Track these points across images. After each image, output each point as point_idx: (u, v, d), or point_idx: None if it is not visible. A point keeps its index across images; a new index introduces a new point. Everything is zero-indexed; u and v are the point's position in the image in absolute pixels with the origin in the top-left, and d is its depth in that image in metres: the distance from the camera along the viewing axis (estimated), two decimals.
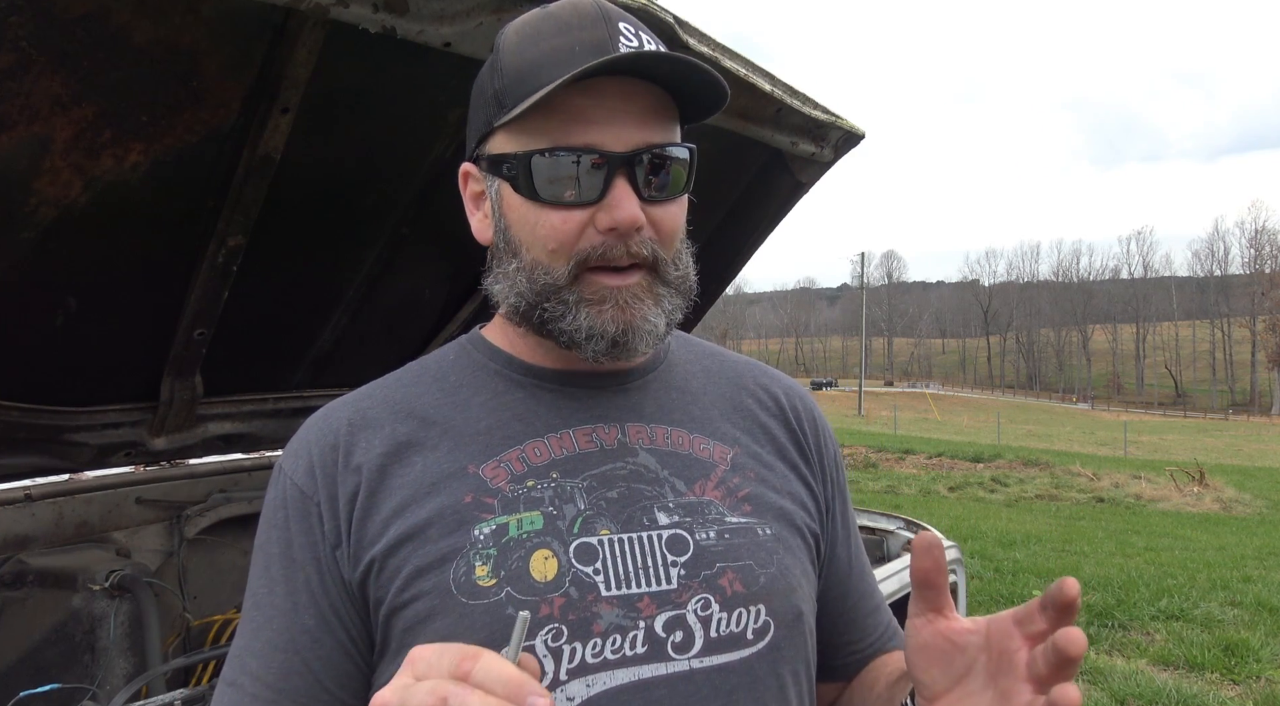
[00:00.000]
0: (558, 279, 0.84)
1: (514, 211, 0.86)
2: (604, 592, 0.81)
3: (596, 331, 0.84)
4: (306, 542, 0.85)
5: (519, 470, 0.86)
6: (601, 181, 0.82)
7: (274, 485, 0.89)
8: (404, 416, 0.89)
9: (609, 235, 0.83)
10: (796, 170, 2.40)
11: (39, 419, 1.86)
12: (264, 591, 0.86)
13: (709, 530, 0.87)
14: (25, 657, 2.13)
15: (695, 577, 0.84)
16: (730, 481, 0.92)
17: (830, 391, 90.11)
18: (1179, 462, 18.71)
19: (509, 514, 0.83)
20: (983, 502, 14.27)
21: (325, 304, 2.12)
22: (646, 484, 0.88)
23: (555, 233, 0.83)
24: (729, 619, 0.84)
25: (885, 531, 2.72)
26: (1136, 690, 4.69)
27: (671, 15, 1.63)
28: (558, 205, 0.83)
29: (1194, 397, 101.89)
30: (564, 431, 0.89)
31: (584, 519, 0.84)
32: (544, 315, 0.86)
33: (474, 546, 0.81)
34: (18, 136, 1.28)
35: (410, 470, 0.86)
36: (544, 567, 0.81)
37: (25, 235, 1.45)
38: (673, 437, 0.93)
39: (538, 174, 0.82)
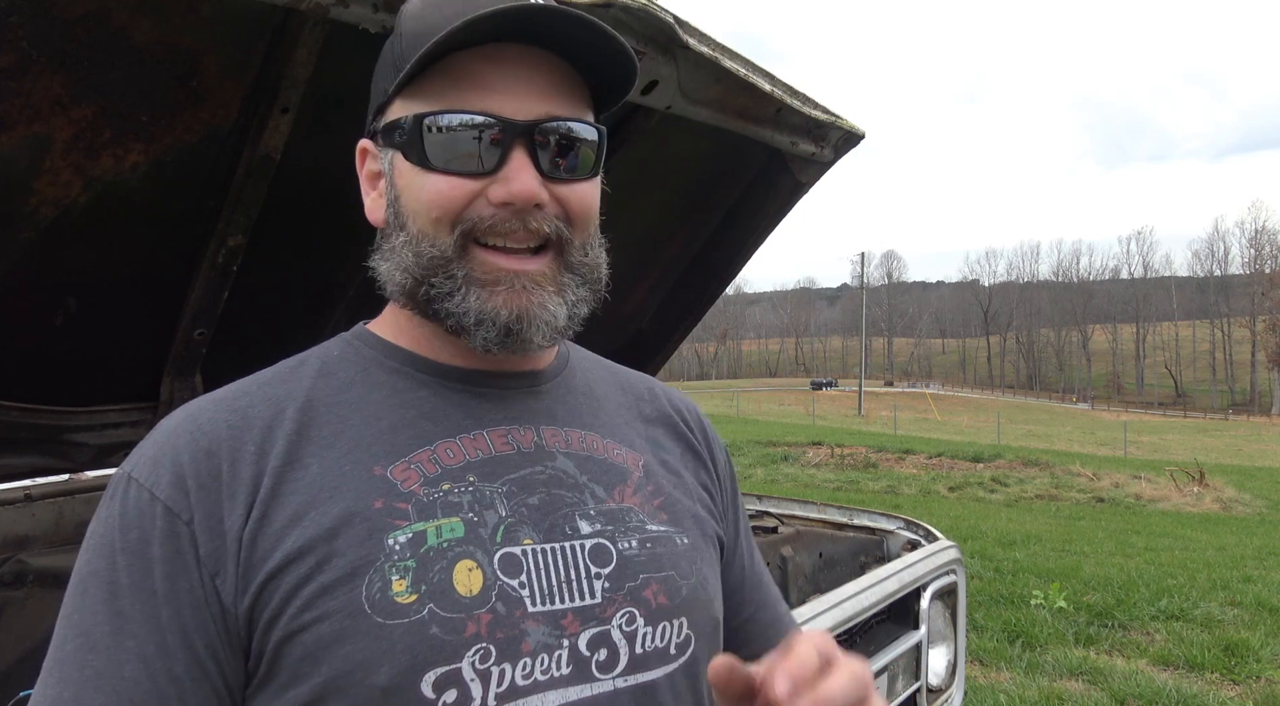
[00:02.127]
0: (444, 250, 0.77)
1: (403, 179, 0.80)
2: (530, 608, 0.75)
3: (487, 316, 0.77)
4: (174, 571, 0.71)
5: (431, 472, 0.78)
6: (499, 152, 0.76)
7: (119, 499, 0.74)
8: (292, 414, 0.78)
9: (502, 209, 0.77)
10: (796, 170, 2.40)
11: (39, 419, 1.86)
12: (105, 630, 0.70)
13: (631, 539, 0.82)
14: (25, 657, 2.13)
15: (619, 590, 0.79)
16: (645, 488, 0.88)
17: (830, 391, 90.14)
18: (1179, 463, 18.71)
19: (426, 520, 0.75)
20: (983, 502, 14.27)
21: (325, 304, 2.12)
22: (567, 490, 0.82)
23: (440, 198, 0.77)
24: (653, 633, 0.80)
25: (885, 531, 2.72)
26: (1136, 690, 4.69)
27: (671, 15, 1.63)
28: (446, 172, 0.77)
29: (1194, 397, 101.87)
30: (477, 432, 0.82)
31: (506, 527, 0.77)
32: (430, 292, 0.79)
33: (389, 557, 0.72)
34: (18, 136, 1.28)
35: (306, 474, 0.75)
36: (468, 580, 0.73)
37: (25, 235, 1.45)
38: (587, 442, 0.87)
39: (428, 139, 0.77)
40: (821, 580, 2.62)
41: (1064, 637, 5.66)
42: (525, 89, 0.77)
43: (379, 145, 0.83)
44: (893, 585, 2.15)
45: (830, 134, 2.30)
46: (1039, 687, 4.73)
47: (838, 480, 16.19)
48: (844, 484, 15.69)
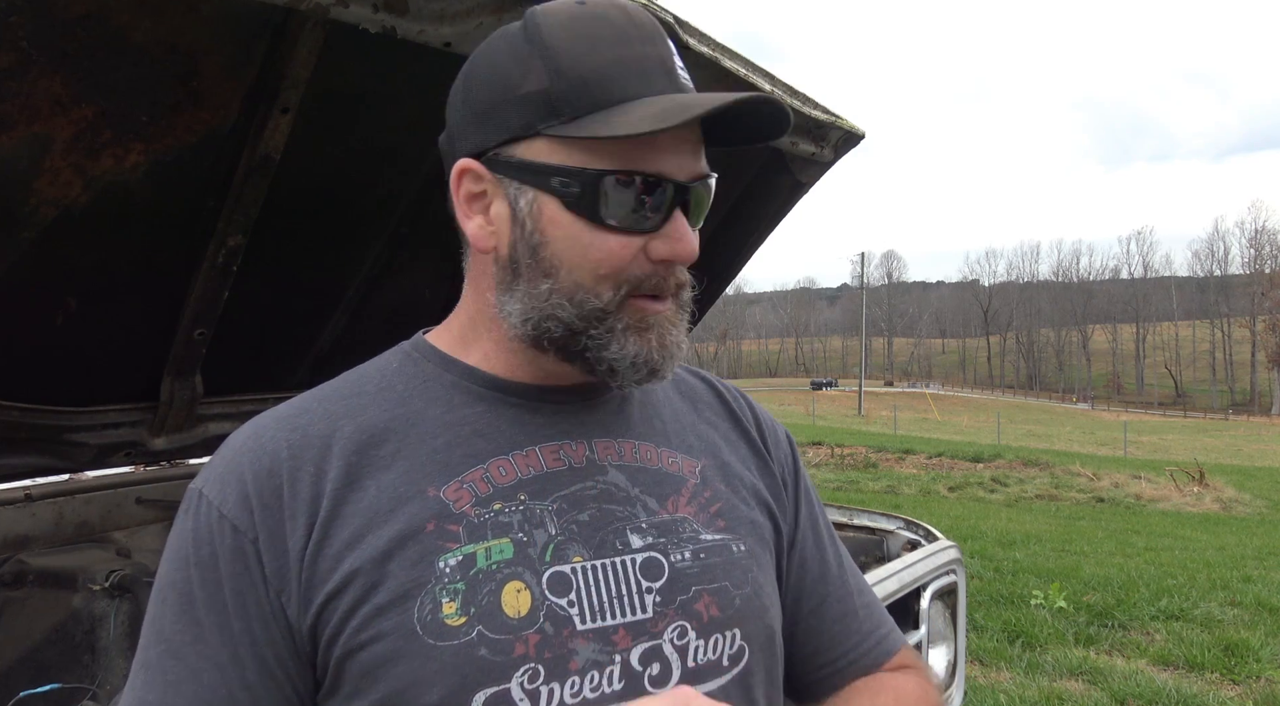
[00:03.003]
0: (606, 305, 0.79)
1: (559, 229, 0.78)
2: (579, 626, 0.76)
3: (641, 359, 0.80)
4: (242, 586, 0.75)
5: (484, 491, 0.79)
6: (664, 211, 0.78)
7: (193, 514, 0.78)
8: (349, 433, 0.80)
9: (660, 266, 0.79)
10: (796, 170, 2.40)
11: (39, 419, 1.86)
12: (185, 638, 0.74)
13: (684, 550, 0.83)
14: (25, 657, 2.13)
15: (671, 604, 0.80)
16: (701, 496, 0.88)
17: (830, 391, 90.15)
18: (1179, 462, 18.72)
19: (476, 542, 0.77)
20: (983, 502, 14.27)
21: (325, 304, 2.12)
22: (618, 504, 0.83)
23: (611, 258, 0.78)
24: (706, 646, 0.81)
25: (885, 531, 2.72)
26: (1136, 690, 4.69)
27: (671, 15, 1.63)
28: (618, 230, 0.77)
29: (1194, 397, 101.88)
30: (530, 448, 0.83)
31: (555, 545, 0.78)
32: (588, 342, 0.79)
33: (439, 580, 0.74)
34: (18, 136, 1.28)
35: (364, 496, 0.77)
36: (516, 601, 0.75)
37: (25, 235, 1.45)
38: (641, 452, 0.88)
39: (607, 196, 0.76)
40: None
41: (1064, 637, 5.66)
42: (682, 147, 0.79)
43: (500, 175, 0.80)
44: (893, 585, 2.15)
45: (830, 134, 2.30)
46: (1039, 687, 4.72)
47: (838, 480, 16.19)
48: (844, 484, 15.69)
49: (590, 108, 0.75)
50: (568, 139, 0.77)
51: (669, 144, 0.78)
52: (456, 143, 0.83)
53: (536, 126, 0.77)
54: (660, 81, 0.78)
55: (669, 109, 0.74)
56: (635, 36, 0.78)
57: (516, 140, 0.79)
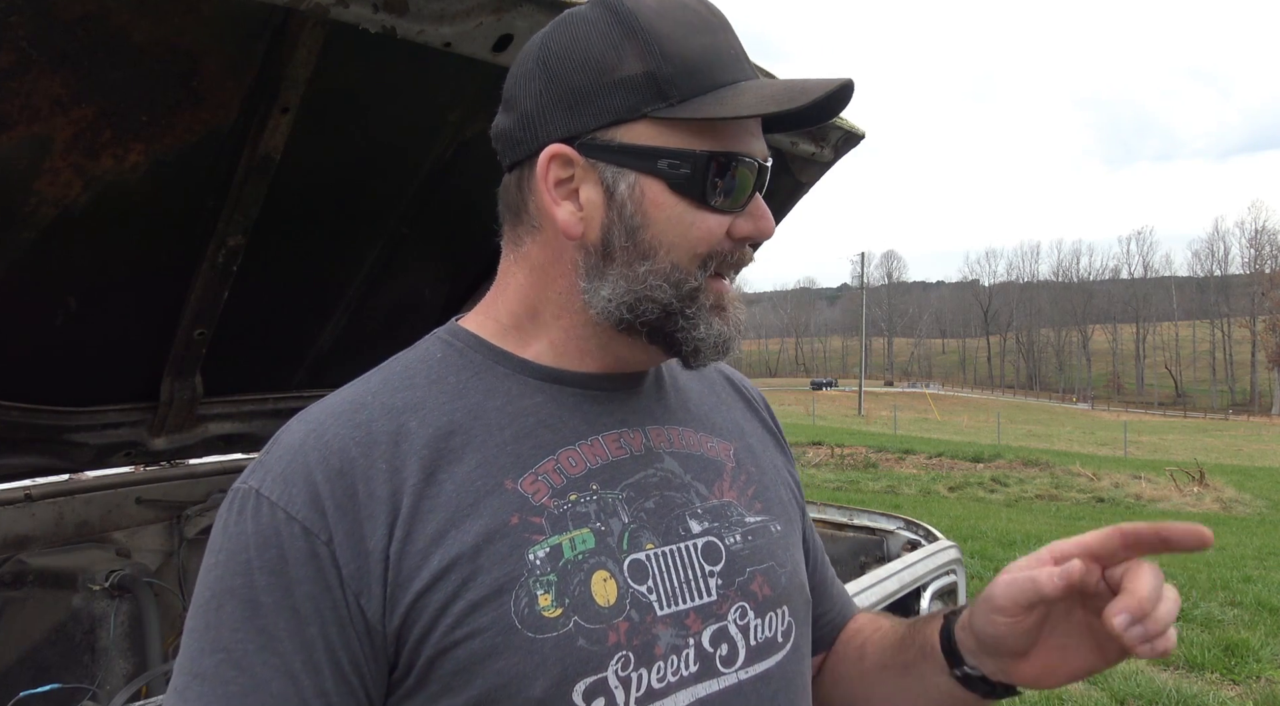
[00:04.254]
0: (698, 283, 0.81)
1: (662, 211, 0.79)
2: (659, 612, 0.78)
3: (721, 339, 0.82)
4: (317, 591, 0.72)
5: (558, 483, 0.79)
6: (749, 191, 0.81)
7: (252, 517, 0.74)
8: (415, 427, 0.79)
9: (740, 243, 0.82)
10: (796, 170, 2.40)
11: (39, 419, 1.86)
12: (251, 647, 0.71)
13: (735, 534, 0.86)
14: (25, 657, 2.13)
15: (731, 586, 0.83)
16: (739, 479, 0.91)
17: (830, 391, 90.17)
18: (1179, 462, 18.71)
19: (559, 533, 0.77)
20: (983, 502, 14.27)
21: (325, 304, 2.12)
22: (676, 490, 0.85)
23: (709, 236, 0.80)
24: (763, 624, 0.84)
25: (885, 531, 2.72)
26: (1136, 690, 4.69)
27: None
28: (718, 210, 0.80)
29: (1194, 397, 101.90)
30: (593, 438, 0.83)
31: (630, 533, 0.80)
32: (681, 322, 0.81)
33: (531, 573, 0.74)
34: (18, 136, 1.28)
35: (441, 491, 0.76)
36: (605, 590, 0.76)
37: (25, 235, 1.45)
38: (686, 438, 0.90)
39: (714, 178, 0.78)
40: None
41: None
42: (757, 129, 0.82)
43: (595, 159, 0.79)
44: (893, 585, 2.15)
45: (830, 134, 2.30)
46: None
47: (838, 480, 16.19)
48: (844, 484, 15.69)
49: (698, 90, 0.77)
50: (674, 122, 0.77)
51: (753, 127, 0.81)
52: (538, 129, 0.81)
53: (642, 109, 0.77)
54: (747, 68, 0.81)
55: (781, 92, 0.77)
56: (717, 25, 0.81)
57: (617, 123, 0.78)
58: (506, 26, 1.47)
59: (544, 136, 0.80)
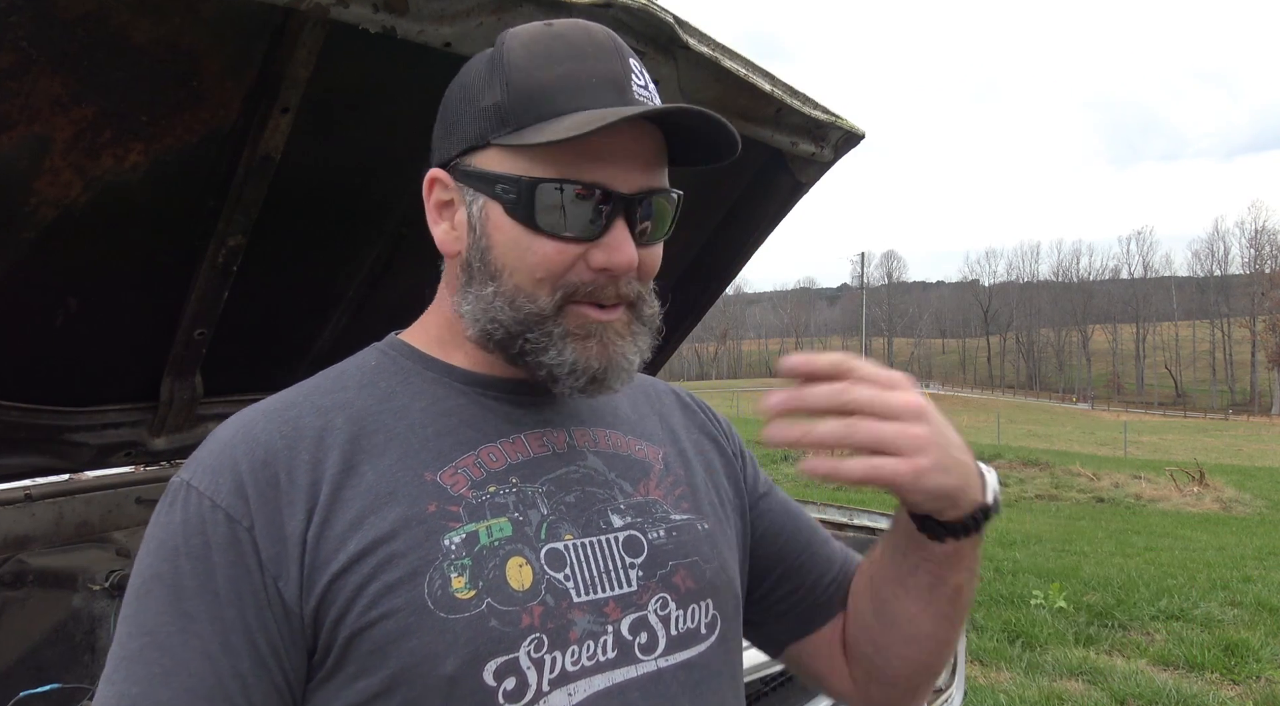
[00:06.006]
0: (542, 309, 0.83)
1: (502, 234, 0.83)
2: (575, 598, 0.81)
3: (580, 367, 0.83)
4: (236, 574, 0.75)
5: (477, 476, 0.84)
6: (604, 221, 0.81)
7: (180, 506, 0.79)
8: (341, 424, 0.83)
9: (600, 275, 0.82)
10: (796, 170, 2.40)
11: (39, 419, 1.86)
12: (173, 629, 0.74)
13: (659, 529, 0.89)
14: (25, 657, 2.13)
15: (652, 577, 0.86)
16: (666, 480, 0.94)
17: None
18: (1179, 462, 18.71)
19: (476, 521, 0.81)
20: None
21: (325, 304, 2.12)
22: (598, 486, 0.89)
23: (546, 262, 0.82)
24: (685, 615, 0.87)
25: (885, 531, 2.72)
26: (1136, 690, 4.70)
27: (671, 15, 1.64)
28: (554, 236, 0.81)
29: (1194, 397, 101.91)
30: (516, 436, 0.88)
31: (548, 524, 0.83)
32: (525, 346, 0.84)
33: (445, 557, 0.78)
34: (18, 136, 1.28)
35: (361, 480, 0.80)
36: (520, 575, 0.79)
37: (25, 235, 1.45)
38: (612, 440, 0.94)
39: (541, 203, 0.80)
40: None
41: (1064, 637, 5.67)
42: (631, 161, 0.82)
43: (461, 183, 0.86)
44: None
45: (830, 134, 2.30)
46: (1039, 687, 4.73)
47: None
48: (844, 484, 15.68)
49: (533, 119, 0.80)
50: (512, 148, 0.81)
51: (610, 155, 0.81)
52: (434, 154, 0.89)
53: (488, 136, 0.82)
54: (607, 96, 0.81)
55: (593, 117, 0.77)
56: (591, 53, 0.82)
57: (473, 150, 0.84)
58: (506, 26, 1.46)
59: (434, 161, 0.89)
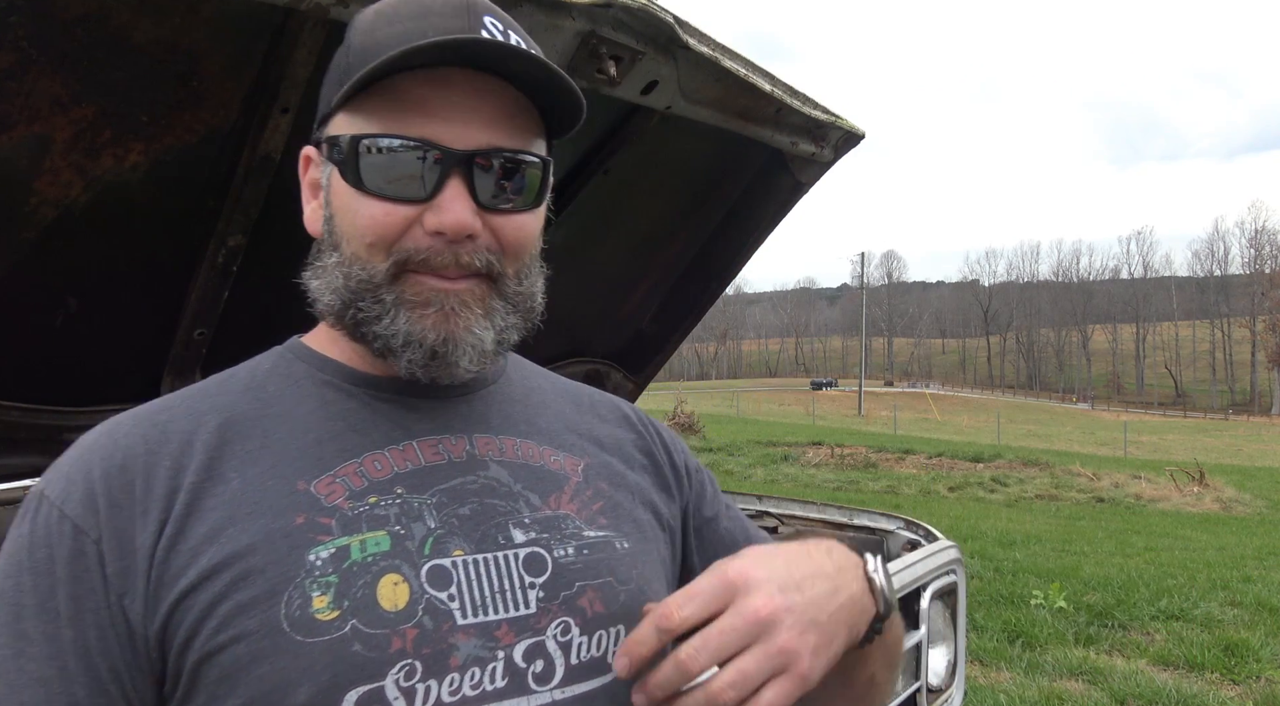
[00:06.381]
0: (375, 275, 0.76)
1: (339, 199, 0.78)
2: (460, 621, 0.73)
3: (415, 338, 0.76)
4: (80, 591, 0.68)
5: (358, 485, 0.76)
6: (435, 179, 0.75)
7: (30, 518, 0.71)
8: (213, 428, 0.77)
9: (436, 239, 0.75)
10: (796, 170, 2.41)
11: (39, 419, 1.86)
12: (7, 652, 0.67)
13: (567, 546, 0.81)
14: None
15: (554, 599, 0.78)
16: (584, 494, 0.86)
17: (830, 391, 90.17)
18: (1179, 462, 18.71)
19: (350, 534, 0.73)
20: (983, 502, 14.27)
21: None
22: (500, 499, 0.81)
23: (375, 225, 0.75)
24: (589, 643, 0.79)
25: (885, 531, 2.72)
26: (1136, 690, 4.69)
27: (671, 15, 1.63)
28: (381, 197, 0.75)
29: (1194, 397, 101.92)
30: (406, 443, 0.80)
31: (435, 538, 0.75)
32: (359, 315, 0.77)
33: (309, 573, 0.70)
34: (18, 136, 1.28)
35: (226, 489, 0.73)
36: (394, 594, 0.71)
37: (25, 235, 1.45)
38: (523, 450, 0.86)
39: (364, 161, 0.75)
40: None
41: (1064, 637, 5.66)
42: (468, 117, 0.75)
43: (322, 156, 0.81)
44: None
45: (830, 134, 2.30)
46: (1039, 687, 4.73)
47: (838, 480, 16.19)
48: (844, 484, 15.69)
49: None
50: (349, 109, 0.77)
51: (444, 110, 0.75)
52: None
53: (332, 101, 0.78)
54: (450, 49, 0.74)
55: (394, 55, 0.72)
56: (436, 10, 0.76)
57: (325, 119, 0.80)
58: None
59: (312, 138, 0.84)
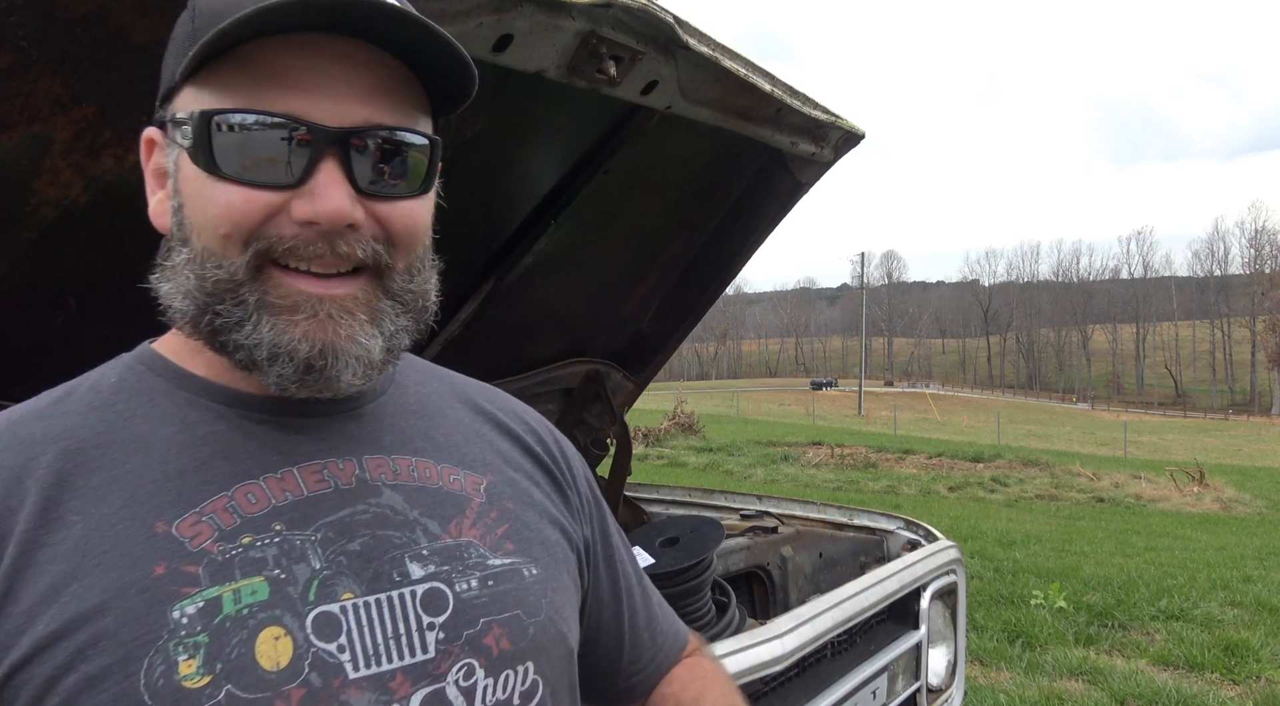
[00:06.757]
0: (233, 272, 0.66)
1: (188, 186, 0.67)
2: (351, 674, 0.64)
3: (283, 349, 0.66)
4: None
5: (229, 523, 0.66)
6: (304, 162, 0.65)
7: None
8: (50, 460, 0.65)
9: (307, 228, 0.65)
10: (796, 170, 2.41)
11: None
12: None
13: (470, 578, 0.72)
14: None
15: (456, 640, 0.70)
16: (488, 516, 0.78)
17: (830, 391, 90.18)
18: (1179, 462, 18.71)
19: (221, 583, 0.63)
20: (983, 502, 14.27)
21: None
22: (395, 529, 0.71)
23: (230, 213, 0.65)
24: (496, 685, 0.71)
25: (885, 531, 2.72)
26: (1136, 690, 4.69)
27: (671, 15, 1.63)
28: (239, 182, 0.65)
29: (1194, 397, 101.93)
30: (285, 470, 0.70)
31: (321, 581, 0.66)
32: (216, 321, 0.67)
33: (174, 634, 0.60)
34: (18, 136, 1.28)
35: (68, 535, 0.62)
36: (275, 651, 0.62)
37: (25, 235, 1.45)
38: (419, 470, 0.77)
39: (218, 140, 0.65)
40: (821, 580, 2.62)
41: (1064, 637, 5.66)
42: (343, 90, 0.66)
43: (166, 138, 0.70)
44: (893, 585, 2.15)
45: (830, 134, 2.30)
46: (1039, 687, 4.72)
47: (838, 480, 16.19)
48: (844, 484, 15.69)
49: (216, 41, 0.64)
50: (198, 82, 0.66)
51: (313, 82, 0.65)
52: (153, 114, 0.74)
53: (176, 74, 0.67)
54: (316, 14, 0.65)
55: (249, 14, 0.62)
56: None
57: (168, 97, 0.70)
58: (506, 26, 1.47)
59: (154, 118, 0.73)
